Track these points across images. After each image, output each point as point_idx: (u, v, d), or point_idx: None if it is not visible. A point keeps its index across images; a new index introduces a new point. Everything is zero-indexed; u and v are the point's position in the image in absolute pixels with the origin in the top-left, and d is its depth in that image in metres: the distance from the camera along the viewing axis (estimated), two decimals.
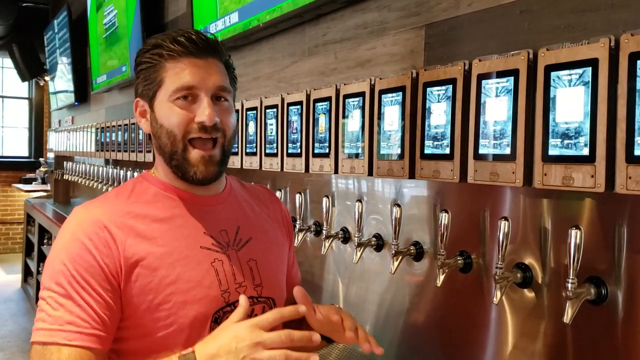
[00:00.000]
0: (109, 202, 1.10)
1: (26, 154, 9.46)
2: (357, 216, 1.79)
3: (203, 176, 1.10)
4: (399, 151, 1.58)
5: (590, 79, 1.12)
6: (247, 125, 2.33)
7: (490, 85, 1.33)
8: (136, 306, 1.02)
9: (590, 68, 1.12)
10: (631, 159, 1.05)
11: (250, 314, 1.09)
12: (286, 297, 1.26)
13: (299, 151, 2.00)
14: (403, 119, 1.56)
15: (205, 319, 1.06)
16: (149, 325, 1.04)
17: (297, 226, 2.10)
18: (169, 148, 1.08)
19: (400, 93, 1.57)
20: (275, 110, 2.13)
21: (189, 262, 1.07)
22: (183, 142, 1.07)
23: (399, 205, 1.65)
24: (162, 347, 1.02)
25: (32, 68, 7.70)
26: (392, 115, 1.60)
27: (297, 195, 2.12)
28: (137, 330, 1.04)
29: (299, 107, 2.00)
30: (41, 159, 8.81)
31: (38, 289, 5.73)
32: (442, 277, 1.47)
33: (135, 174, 3.75)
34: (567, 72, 1.16)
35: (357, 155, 1.73)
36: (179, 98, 1.07)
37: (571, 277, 1.17)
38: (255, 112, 2.27)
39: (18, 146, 9.47)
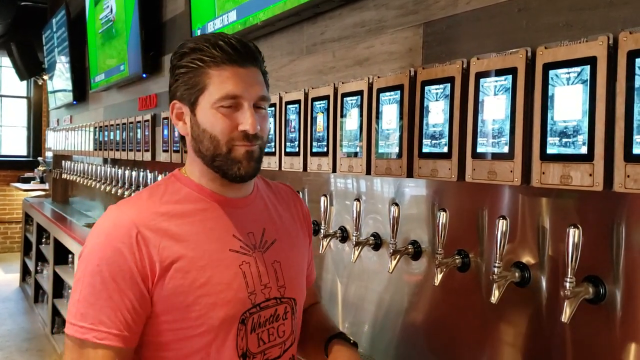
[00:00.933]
0: (142, 204, 1.13)
1: (25, 153, 9.45)
2: (355, 215, 1.78)
3: (246, 171, 1.13)
4: (397, 150, 1.57)
5: (588, 77, 1.12)
6: None
7: (488, 83, 1.32)
8: (169, 305, 1.08)
9: (589, 66, 1.12)
10: (629, 157, 1.05)
11: (273, 314, 1.18)
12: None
13: (297, 150, 2.00)
14: (401, 117, 1.56)
15: (233, 320, 1.11)
16: (178, 324, 1.09)
17: None
18: (212, 151, 1.12)
19: (398, 92, 1.57)
20: (273, 109, 2.13)
21: (219, 265, 1.11)
22: (227, 146, 1.11)
23: (397, 204, 1.65)
24: (191, 345, 1.10)
25: (31, 67, 7.69)
26: (390, 114, 1.60)
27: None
28: (172, 325, 1.09)
29: (297, 105, 2.00)
30: (40, 158, 8.80)
31: (37, 288, 5.74)
32: (439, 276, 1.47)
33: (134, 173, 3.75)
34: (565, 70, 1.16)
35: (355, 154, 1.73)
36: (223, 106, 1.10)
37: (569, 276, 1.16)
38: None
39: (16, 145, 9.46)
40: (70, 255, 4.49)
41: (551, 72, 1.19)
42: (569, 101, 1.15)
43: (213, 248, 1.12)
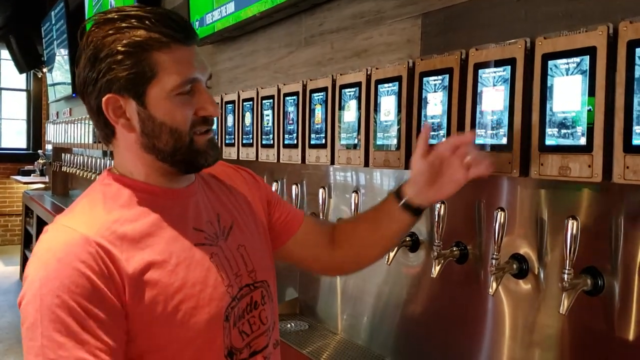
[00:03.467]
0: (87, 215, 0.97)
1: (24, 145, 9.44)
2: (353, 207, 1.78)
3: (213, 160, 1.05)
4: (395, 142, 1.56)
5: (588, 68, 1.11)
6: (243, 116, 2.32)
7: (487, 74, 1.31)
8: (146, 321, 0.94)
9: (588, 56, 1.11)
10: (629, 148, 1.04)
11: (250, 302, 1.07)
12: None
13: (295, 142, 1.99)
14: (399, 109, 1.55)
15: (218, 319, 1.00)
16: (162, 337, 0.96)
17: None
18: (172, 145, 0.99)
19: (397, 83, 1.56)
20: (271, 101, 2.12)
21: (190, 263, 0.99)
22: (189, 136, 1.00)
23: None
24: (179, 355, 0.97)
25: (30, 60, 7.66)
26: (388, 106, 1.59)
27: (294, 187, 2.11)
28: (151, 342, 0.96)
29: (295, 97, 1.99)
30: (39, 151, 8.79)
31: None
32: (437, 268, 1.47)
33: None
34: (564, 60, 1.15)
35: (353, 146, 1.72)
36: (181, 93, 0.97)
37: (567, 267, 1.16)
38: (251, 103, 2.25)
39: (16, 138, 9.45)
40: None
41: (550, 63, 1.18)
42: (568, 92, 1.14)
43: (178, 247, 0.99)
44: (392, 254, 1.63)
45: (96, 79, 0.97)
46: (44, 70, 7.35)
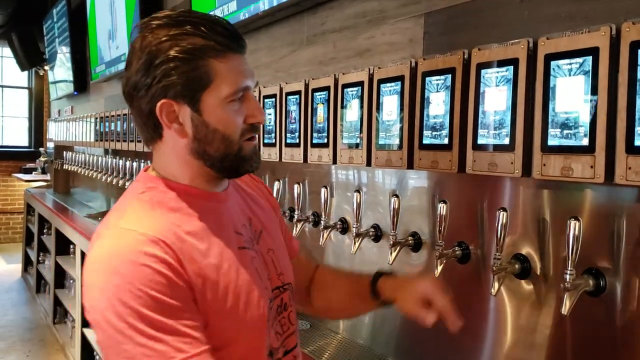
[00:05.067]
0: (145, 217, 0.98)
1: (26, 143, 9.45)
2: (355, 207, 1.78)
3: (256, 167, 1.07)
4: (397, 141, 1.56)
5: (590, 68, 1.11)
6: None
7: (489, 74, 1.31)
8: (205, 321, 0.95)
9: (591, 57, 1.11)
10: (631, 149, 1.04)
11: (280, 304, 1.11)
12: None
13: (297, 141, 1.99)
14: (402, 108, 1.55)
15: (264, 319, 1.04)
16: (219, 337, 0.97)
17: (296, 216, 2.09)
18: (222, 152, 1.01)
19: (399, 83, 1.56)
20: (273, 100, 2.12)
21: (238, 266, 1.02)
22: (239, 144, 1.01)
23: (397, 196, 1.64)
24: (233, 355, 0.99)
25: (32, 57, 7.67)
26: (390, 105, 1.59)
27: (296, 186, 2.11)
28: (209, 342, 0.94)
29: (297, 96, 1.99)
30: (41, 149, 8.80)
31: (38, 278, 5.75)
32: (439, 268, 1.47)
33: (135, 163, 3.74)
34: (567, 61, 1.15)
35: (355, 146, 1.72)
36: (235, 100, 0.99)
37: (569, 268, 1.16)
38: None
39: (18, 136, 9.45)
40: (71, 246, 4.50)
41: (553, 63, 1.18)
42: (570, 92, 1.14)
43: (228, 248, 1.02)
44: (394, 254, 1.63)
45: (150, 84, 0.97)
46: (46, 67, 7.36)
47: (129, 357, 0.86)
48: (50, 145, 7.05)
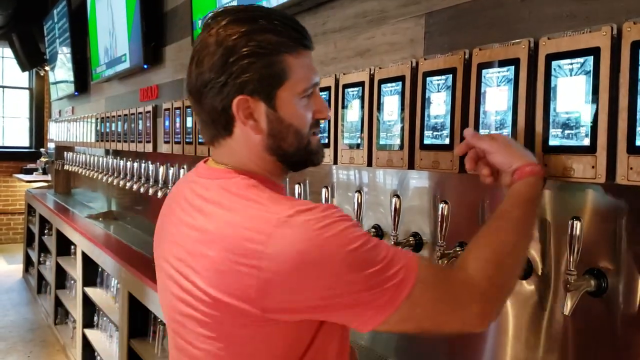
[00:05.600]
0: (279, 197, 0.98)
1: (27, 144, 9.46)
2: (356, 207, 1.78)
3: (321, 161, 1.10)
4: (398, 142, 1.56)
5: (591, 68, 1.11)
6: None
7: (490, 74, 1.31)
8: None
9: (592, 57, 1.11)
10: (632, 149, 1.04)
11: None
12: None
13: None
14: (402, 109, 1.55)
15: None
16: None
17: None
18: (295, 147, 1.02)
19: (400, 83, 1.56)
20: None
21: None
22: (307, 138, 1.04)
23: (398, 196, 1.64)
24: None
25: (32, 58, 7.68)
26: (391, 105, 1.59)
27: (297, 186, 2.11)
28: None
29: None
30: (42, 149, 8.81)
31: (39, 279, 5.76)
32: None
33: (135, 164, 3.74)
34: (568, 61, 1.15)
35: (356, 146, 1.72)
36: (306, 96, 1.01)
37: (571, 268, 1.16)
38: None
39: (19, 136, 9.46)
40: (72, 247, 4.50)
41: (554, 63, 1.17)
42: (571, 92, 1.14)
43: None
44: None
45: (226, 81, 0.97)
46: (47, 68, 7.36)
47: (373, 281, 0.87)
48: (51, 145, 7.06)
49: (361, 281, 0.87)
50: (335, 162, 1.82)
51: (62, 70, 5.99)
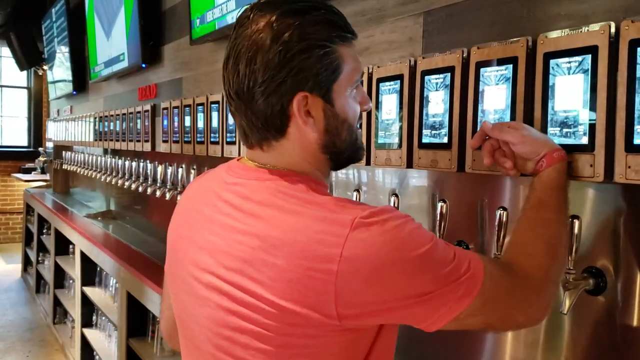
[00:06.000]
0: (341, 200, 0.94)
1: (25, 143, 9.45)
2: None
3: (364, 156, 1.08)
4: (396, 140, 1.56)
5: (589, 67, 1.11)
6: None
7: (488, 73, 1.31)
8: None
9: (590, 56, 1.11)
10: (630, 147, 1.04)
11: None
12: None
13: None
14: (401, 107, 1.55)
15: None
16: None
17: None
18: (347, 142, 0.98)
19: (398, 81, 1.55)
20: None
21: None
22: (356, 132, 1.01)
23: (396, 195, 1.64)
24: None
25: (31, 57, 7.67)
26: (389, 104, 1.59)
27: None
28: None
29: None
30: (40, 149, 8.80)
31: (38, 278, 5.75)
32: None
33: (134, 163, 3.74)
34: (566, 59, 1.15)
35: None
36: (355, 89, 0.98)
37: (569, 267, 1.16)
38: None
39: (17, 136, 9.46)
40: (71, 246, 4.50)
41: (552, 62, 1.17)
42: (570, 91, 1.14)
43: None
44: None
45: (284, 78, 0.90)
46: (45, 67, 7.36)
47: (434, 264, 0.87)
48: (50, 145, 7.06)
49: (437, 280, 0.86)
50: None
51: (60, 70, 5.98)
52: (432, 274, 0.86)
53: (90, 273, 3.89)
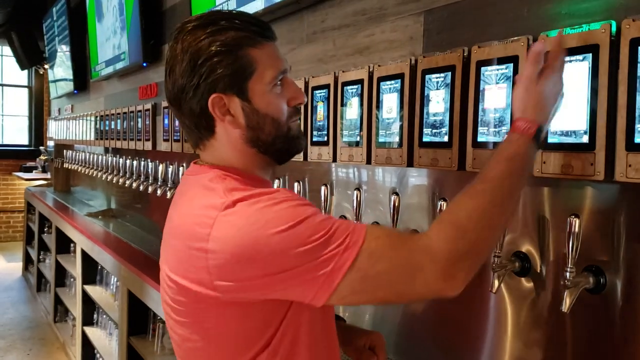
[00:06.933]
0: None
1: (26, 142, 9.46)
2: (355, 205, 1.78)
3: (303, 145, 1.14)
4: (397, 139, 1.56)
5: (590, 66, 1.11)
6: None
7: (489, 72, 1.31)
8: None
9: (591, 54, 1.11)
10: (631, 146, 1.04)
11: None
12: None
13: None
14: (402, 106, 1.55)
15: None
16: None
17: None
18: (273, 135, 1.06)
19: (399, 80, 1.56)
20: None
21: None
22: (287, 125, 1.07)
23: (397, 194, 1.65)
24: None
25: (31, 56, 7.67)
26: (390, 103, 1.59)
27: (296, 184, 2.11)
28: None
29: None
30: (41, 148, 8.81)
31: (39, 276, 5.76)
32: None
33: (135, 162, 3.74)
34: (567, 58, 1.15)
35: (355, 144, 1.72)
36: (276, 84, 1.05)
37: (569, 265, 1.16)
38: None
39: (18, 134, 9.46)
40: (72, 244, 4.50)
41: None
42: (570, 90, 1.14)
43: None
44: None
45: (198, 83, 1.01)
46: (46, 66, 7.36)
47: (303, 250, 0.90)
48: (51, 143, 7.06)
49: (300, 256, 0.90)
50: (335, 160, 1.82)
51: (61, 69, 5.99)
52: (294, 251, 0.90)
53: (91, 271, 3.90)
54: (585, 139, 1.11)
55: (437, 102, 1.44)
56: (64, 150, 5.97)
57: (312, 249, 0.90)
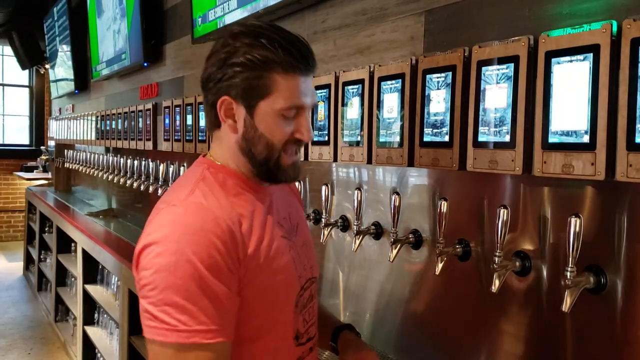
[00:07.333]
0: (212, 197, 1.07)
1: (27, 142, 9.45)
2: (356, 204, 1.78)
3: (291, 179, 1.16)
4: (398, 139, 1.56)
5: (591, 66, 1.11)
6: None
7: (490, 72, 1.31)
8: (248, 303, 1.07)
9: (592, 54, 1.11)
10: (632, 146, 1.04)
11: (310, 294, 1.22)
12: None
13: None
14: (402, 106, 1.55)
15: (290, 303, 1.14)
16: (255, 322, 1.10)
17: None
18: (264, 156, 1.10)
19: (400, 80, 1.56)
20: None
21: (279, 252, 1.12)
22: (279, 152, 1.10)
23: (398, 194, 1.65)
24: (262, 328, 1.11)
25: (32, 56, 7.67)
26: (391, 103, 1.59)
27: (297, 184, 2.11)
28: (247, 316, 1.08)
29: None
30: (42, 147, 8.81)
31: (40, 276, 5.76)
32: (440, 265, 1.47)
33: (136, 162, 3.74)
34: (568, 58, 1.15)
35: (356, 143, 1.72)
36: (285, 115, 1.08)
37: (570, 265, 1.16)
38: None
39: (19, 134, 9.46)
40: (72, 244, 4.51)
41: (553, 60, 1.17)
42: (571, 89, 1.14)
43: (274, 235, 1.12)
44: (394, 252, 1.63)
45: (220, 79, 1.08)
46: (47, 66, 7.36)
47: (158, 304, 1.02)
48: (51, 143, 7.06)
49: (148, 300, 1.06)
50: (335, 160, 1.82)
51: (62, 68, 5.99)
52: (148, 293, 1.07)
53: (92, 271, 3.90)
54: (586, 138, 1.11)
55: (438, 101, 1.44)
56: (65, 150, 5.97)
57: (155, 302, 1.05)
